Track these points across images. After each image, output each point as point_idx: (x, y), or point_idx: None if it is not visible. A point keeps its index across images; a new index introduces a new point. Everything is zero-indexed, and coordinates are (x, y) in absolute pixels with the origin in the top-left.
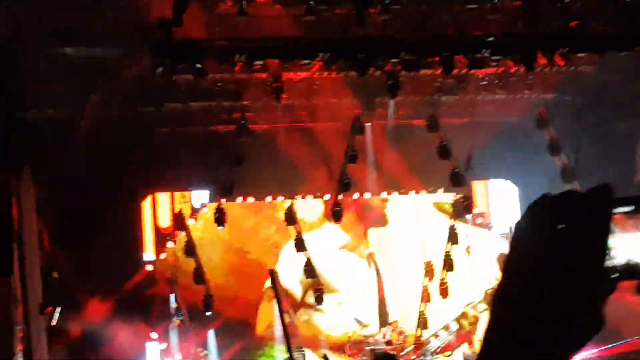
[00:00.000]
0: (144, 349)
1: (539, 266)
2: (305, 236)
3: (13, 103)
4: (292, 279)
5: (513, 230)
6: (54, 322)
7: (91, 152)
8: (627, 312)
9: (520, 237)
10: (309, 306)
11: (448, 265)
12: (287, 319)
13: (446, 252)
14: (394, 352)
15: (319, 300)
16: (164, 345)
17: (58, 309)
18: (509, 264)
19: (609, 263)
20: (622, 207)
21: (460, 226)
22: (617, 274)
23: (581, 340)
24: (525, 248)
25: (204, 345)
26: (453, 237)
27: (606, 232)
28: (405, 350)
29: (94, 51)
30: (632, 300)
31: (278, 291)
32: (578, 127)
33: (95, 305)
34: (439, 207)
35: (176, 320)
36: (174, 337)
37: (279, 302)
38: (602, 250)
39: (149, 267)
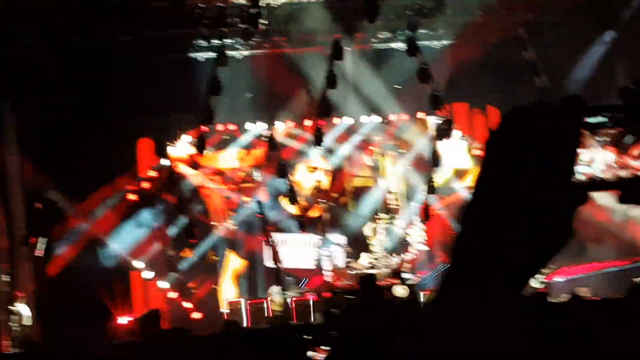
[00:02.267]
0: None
1: (508, 179)
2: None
3: None
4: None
5: (484, 144)
6: (38, 253)
7: (69, 80)
8: None
9: (491, 150)
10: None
11: (430, 188)
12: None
13: (428, 176)
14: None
15: (301, 226)
16: (148, 274)
17: (42, 240)
18: (479, 179)
19: (577, 177)
20: (593, 117)
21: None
22: (585, 186)
23: (550, 252)
24: (496, 161)
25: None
26: (435, 160)
27: (576, 142)
28: (387, 272)
29: None
30: None
31: (266, 219)
32: (557, 46)
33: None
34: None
35: None
36: None
37: (265, 227)
38: (571, 160)
39: (132, 197)
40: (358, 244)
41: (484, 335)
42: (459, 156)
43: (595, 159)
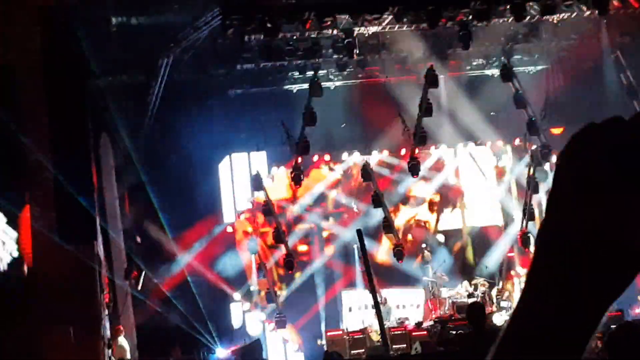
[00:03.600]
0: (229, 309)
1: (582, 198)
2: None
3: (86, 71)
4: None
5: (556, 162)
6: (139, 287)
7: (165, 116)
8: None
9: (562, 169)
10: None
11: (529, 214)
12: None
13: (525, 202)
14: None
15: (398, 256)
16: (246, 306)
17: (143, 273)
18: (551, 197)
19: None
20: None
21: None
22: None
23: (634, 270)
24: (568, 180)
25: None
26: (534, 187)
27: None
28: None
29: (164, 17)
30: None
31: (364, 247)
32: None
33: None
34: None
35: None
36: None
37: (366, 263)
38: None
39: (229, 229)
40: (454, 272)
41: None
42: None
43: None
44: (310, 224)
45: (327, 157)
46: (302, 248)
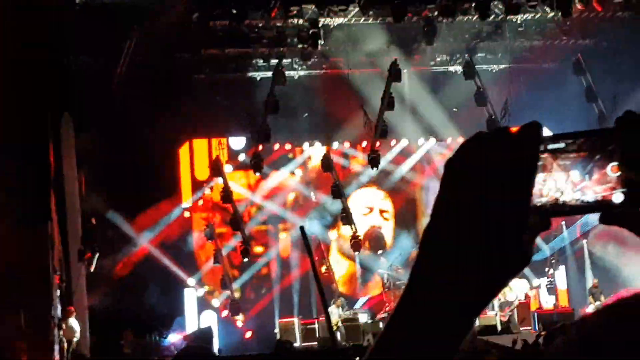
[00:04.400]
0: (183, 294)
1: (465, 203)
2: None
3: (52, 50)
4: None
5: (443, 168)
6: (92, 268)
7: (128, 98)
8: None
9: (449, 175)
10: None
11: None
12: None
13: None
14: None
15: (355, 247)
16: (200, 292)
17: (97, 255)
18: (437, 203)
19: (540, 200)
20: (552, 144)
21: None
22: (548, 211)
23: (507, 275)
24: (452, 186)
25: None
26: None
27: (533, 168)
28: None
29: None
30: None
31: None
32: (615, 73)
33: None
34: None
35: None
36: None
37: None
38: (528, 186)
39: (187, 214)
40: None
41: None
42: None
43: (558, 184)
44: (268, 212)
45: (288, 146)
46: (259, 236)
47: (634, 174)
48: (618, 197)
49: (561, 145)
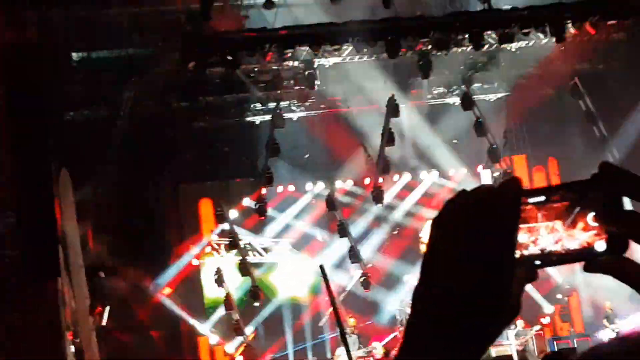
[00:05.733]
0: (196, 341)
1: (452, 261)
2: None
3: (48, 106)
4: None
5: (429, 227)
6: (103, 322)
7: (128, 149)
8: None
9: (435, 233)
10: None
11: None
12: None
13: None
14: None
15: (365, 285)
16: (214, 339)
17: (107, 309)
18: (425, 262)
19: (527, 252)
20: (532, 197)
21: None
22: (534, 262)
23: (498, 327)
24: (440, 244)
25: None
26: None
27: (515, 221)
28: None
29: (125, 51)
30: None
31: (328, 283)
32: (613, 95)
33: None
34: None
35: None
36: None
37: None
38: (512, 239)
39: (195, 262)
40: None
41: None
42: None
43: (542, 234)
44: (276, 254)
45: (291, 188)
46: (269, 279)
47: (612, 225)
48: (601, 245)
49: (542, 198)
